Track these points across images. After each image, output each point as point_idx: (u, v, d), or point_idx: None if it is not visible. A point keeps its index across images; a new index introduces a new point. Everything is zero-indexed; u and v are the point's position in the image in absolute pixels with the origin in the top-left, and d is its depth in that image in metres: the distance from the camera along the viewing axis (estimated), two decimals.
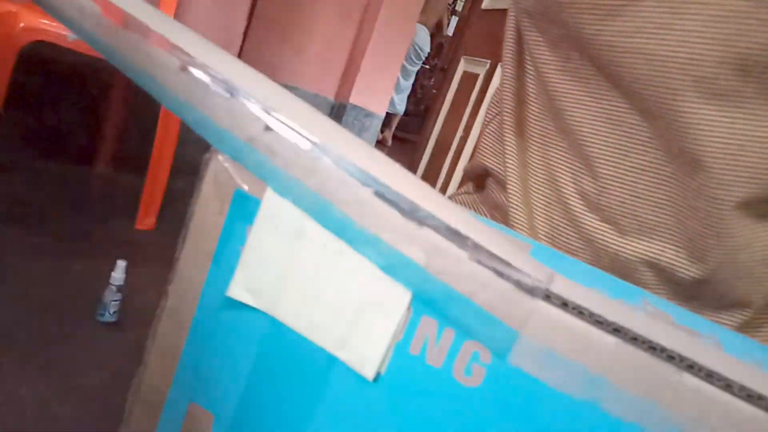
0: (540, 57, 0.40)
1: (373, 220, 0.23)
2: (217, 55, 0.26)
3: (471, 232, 0.22)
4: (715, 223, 0.34)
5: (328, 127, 0.24)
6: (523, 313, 0.21)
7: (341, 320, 0.25)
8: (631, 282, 0.35)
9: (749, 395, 0.18)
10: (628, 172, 0.37)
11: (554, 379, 0.20)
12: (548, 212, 0.41)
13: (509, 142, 0.43)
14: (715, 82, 0.31)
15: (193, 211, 0.28)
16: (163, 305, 0.30)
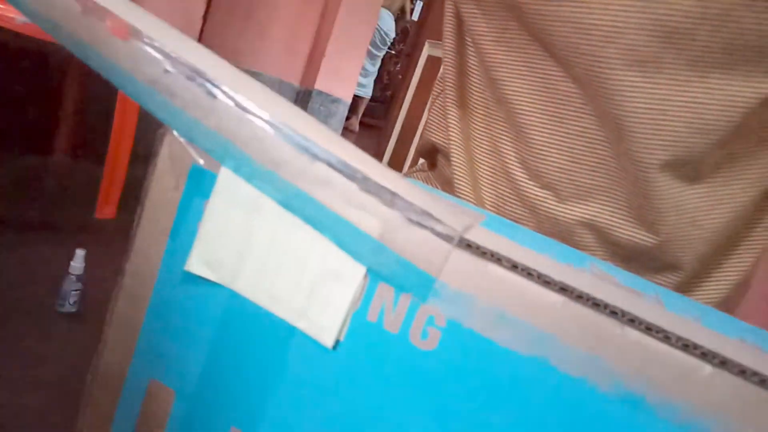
0: (476, 29, 0.40)
1: (269, 155, 0.24)
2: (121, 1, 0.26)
3: (359, 164, 0.23)
4: (643, 185, 0.36)
5: (226, 70, 0.25)
6: (438, 259, 0.22)
7: (300, 291, 0.25)
8: (571, 245, 0.36)
9: (685, 345, 0.19)
10: (564, 138, 0.38)
11: (504, 338, 0.21)
12: (494, 182, 0.42)
13: (452, 115, 0.44)
14: (637, 49, 0.32)
15: (148, 187, 0.28)
16: (121, 283, 0.30)
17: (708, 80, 0.32)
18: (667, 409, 0.19)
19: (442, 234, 0.22)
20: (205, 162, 0.26)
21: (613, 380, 0.20)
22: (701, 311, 0.23)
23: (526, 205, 0.41)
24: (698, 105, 0.33)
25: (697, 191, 0.36)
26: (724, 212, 0.37)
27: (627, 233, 0.38)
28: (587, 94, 0.36)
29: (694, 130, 0.33)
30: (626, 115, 0.34)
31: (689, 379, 0.19)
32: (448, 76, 0.44)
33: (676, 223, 0.36)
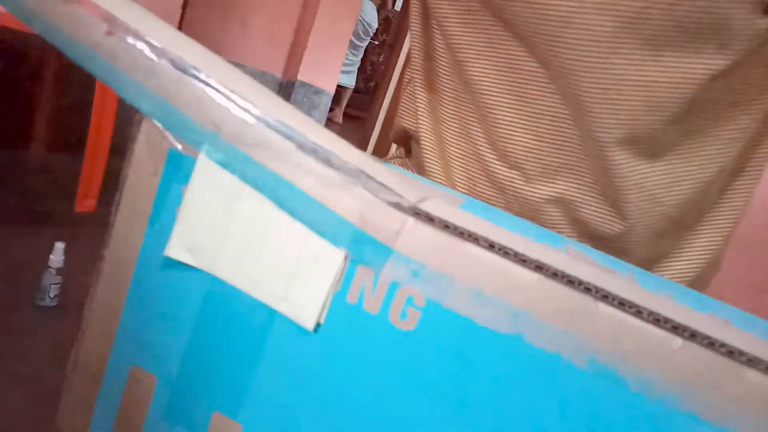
0: (441, 11, 0.41)
1: (210, 114, 0.24)
2: None
3: (299, 124, 0.24)
4: (603, 163, 0.36)
5: (168, 33, 0.25)
6: (392, 228, 0.23)
7: (280, 275, 0.25)
8: (540, 224, 0.37)
9: (656, 319, 0.19)
10: (529, 117, 0.38)
11: (482, 317, 0.21)
12: (464, 164, 0.43)
13: (421, 99, 0.45)
14: (593, 29, 0.33)
15: (126, 173, 0.28)
16: (100, 270, 0.29)
17: (662, 58, 0.33)
18: (639, 382, 0.20)
19: (393, 203, 0.23)
20: (183, 147, 0.26)
21: (587, 355, 0.20)
22: (674, 289, 0.24)
23: (495, 186, 0.41)
24: (653, 83, 0.33)
25: (655, 168, 0.36)
26: (685, 189, 0.37)
27: (593, 210, 0.39)
28: (549, 73, 0.36)
29: (649, 108, 0.34)
30: (584, 95, 0.34)
31: (660, 351, 0.19)
32: (415, 60, 0.44)
33: (636, 200, 0.37)
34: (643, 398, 0.20)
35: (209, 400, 0.28)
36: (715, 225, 0.40)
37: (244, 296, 0.26)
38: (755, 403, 0.19)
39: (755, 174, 0.40)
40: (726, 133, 0.37)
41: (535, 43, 0.35)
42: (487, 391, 0.22)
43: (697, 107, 0.35)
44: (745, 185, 0.40)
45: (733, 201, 0.40)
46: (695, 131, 0.36)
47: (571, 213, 0.39)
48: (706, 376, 0.19)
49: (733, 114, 0.36)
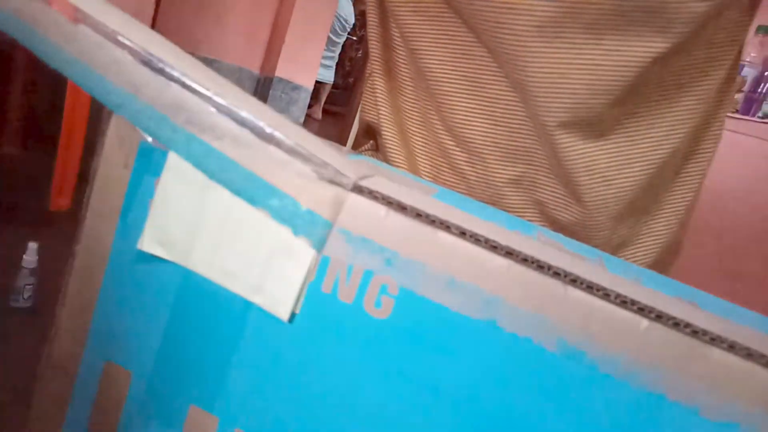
0: (394, 0, 0.41)
1: (130, 78, 0.25)
2: None
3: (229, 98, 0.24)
4: (552, 146, 0.37)
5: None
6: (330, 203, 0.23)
7: (254, 266, 0.25)
8: (503, 208, 0.38)
9: (623, 301, 0.20)
10: (484, 102, 0.39)
11: (455, 303, 0.22)
12: (428, 153, 0.43)
13: (380, 90, 0.45)
14: (536, 15, 0.34)
15: (97, 166, 0.27)
16: (72, 265, 0.29)
17: (603, 42, 0.34)
18: (608, 363, 0.20)
19: (330, 179, 0.23)
20: (154, 140, 0.26)
21: (557, 338, 0.21)
22: (642, 273, 0.24)
23: (457, 172, 0.42)
24: (596, 67, 0.34)
25: (604, 150, 0.37)
26: (637, 171, 0.38)
27: (551, 192, 0.40)
28: (496, 59, 0.37)
29: (592, 91, 0.35)
30: (529, 80, 0.35)
31: (627, 333, 0.20)
32: (373, 52, 0.45)
33: (588, 182, 0.38)
34: (612, 379, 0.20)
35: (185, 394, 0.28)
36: (670, 207, 0.41)
37: (218, 289, 0.26)
38: (720, 381, 0.19)
39: (707, 155, 0.41)
40: (673, 115, 0.38)
41: (482, 30, 0.36)
42: (462, 376, 0.22)
43: (641, 89, 0.36)
44: (698, 167, 0.41)
45: (687, 183, 0.41)
46: (641, 113, 0.37)
47: (531, 195, 0.40)
48: (672, 355, 0.20)
49: (679, 95, 0.37)
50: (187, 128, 0.25)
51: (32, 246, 1.12)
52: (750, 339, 0.20)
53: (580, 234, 0.40)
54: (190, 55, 0.26)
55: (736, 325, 0.21)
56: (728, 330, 0.20)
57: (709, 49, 0.36)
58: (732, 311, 0.22)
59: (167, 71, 0.24)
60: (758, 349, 0.19)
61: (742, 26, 0.37)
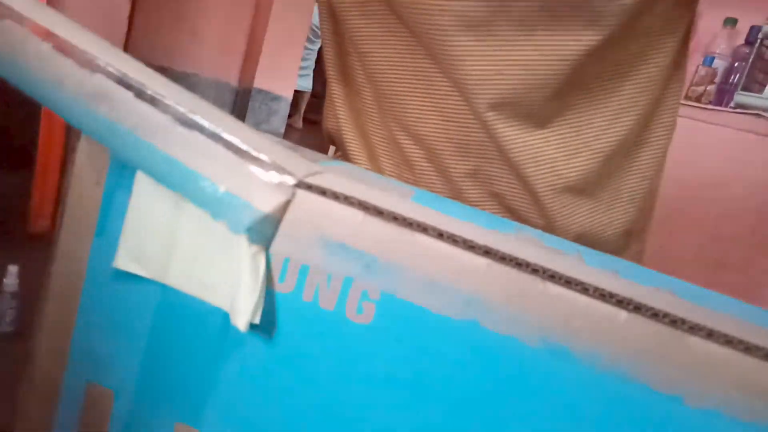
0: (342, 4, 0.42)
1: (54, 71, 0.25)
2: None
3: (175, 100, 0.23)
4: (497, 140, 0.38)
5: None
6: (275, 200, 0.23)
7: (227, 276, 0.25)
8: (463, 202, 0.38)
9: (602, 294, 0.20)
10: (435, 99, 0.40)
11: (436, 305, 0.22)
12: (388, 153, 0.44)
13: (336, 94, 0.46)
14: (467, 14, 0.34)
15: (69, 183, 0.27)
16: (48, 286, 0.29)
17: (535, 38, 0.35)
18: (590, 357, 0.20)
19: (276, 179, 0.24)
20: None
21: (538, 335, 0.21)
22: (620, 265, 0.25)
23: (416, 170, 0.42)
24: (530, 62, 0.35)
25: (548, 141, 0.38)
26: (585, 160, 0.39)
27: (505, 184, 0.40)
28: (434, 59, 0.38)
29: (529, 85, 0.36)
30: (466, 78, 0.36)
31: (607, 326, 0.20)
32: (328, 58, 0.45)
33: (536, 174, 0.38)
34: (595, 373, 0.20)
35: (170, 411, 0.27)
36: (626, 195, 0.42)
37: (197, 302, 0.26)
38: (700, 369, 0.19)
39: (660, 143, 0.41)
40: (615, 104, 0.38)
41: (418, 33, 0.37)
42: (447, 377, 0.22)
43: (580, 80, 0.36)
44: (651, 154, 0.41)
45: (641, 170, 0.41)
46: (582, 104, 0.38)
47: (488, 187, 0.40)
48: (653, 346, 0.20)
49: (620, 85, 0.38)
50: (140, 135, 0.25)
51: (12, 269, 1.10)
52: (728, 325, 0.20)
53: (539, 224, 0.40)
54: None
55: (715, 312, 0.21)
56: (706, 318, 0.20)
57: (648, 37, 0.37)
58: (710, 299, 0.23)
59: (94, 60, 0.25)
60: (736, 335, 0.19)
61: (680, 15, 0.38)
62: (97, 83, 0.25)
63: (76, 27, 0.26)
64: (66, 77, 0.25)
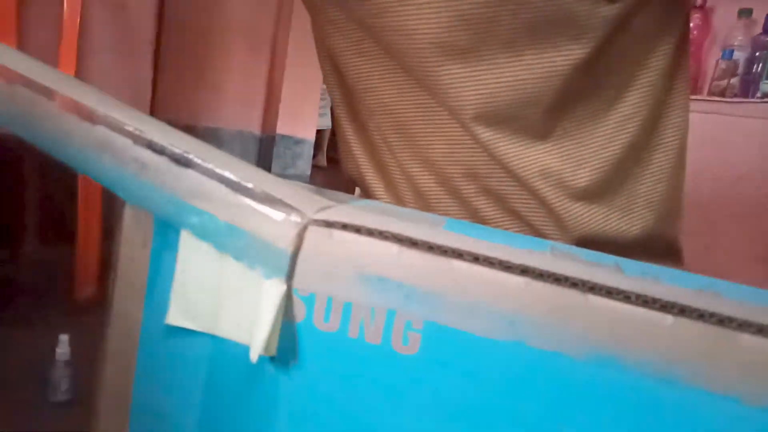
0: (336, 46, 0.43)
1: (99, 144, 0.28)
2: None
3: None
4: (500, 159, 0.38)
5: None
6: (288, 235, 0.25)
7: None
8: (480, 221, 0.38)
9: (645, 301, 0.20)
10: (439, 124, 0.40)
11: (480, 328, 0.22)
12: (406, 183, 0.45)
13: (348, 131, 0.47)
14: (455, 44, 0.35)
15: (117, 248, 0.28)
16: (105, 349, 0.30)
17: (524, 58, 0.35)
18: (640, 366, 0.20)
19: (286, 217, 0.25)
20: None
21: (585, 348, 0.21)
22: (660, 272, 0.24)
23: (430, 198, 0.44)
24: (521, 81, 0.36)
25: (552, 154, 0.38)
26: (592, 170, 0.39)
27: (518, 199, 0.40)
28: (429, 92, 0.38)
29: (522, 103, 0.36)
30: (460, 104, 0.36)
31: (654, 332, 0.20)
32: (334, 98, 0.47)
33: (544, 187, 0.38)
34: (647, 381, 0.20)
35: None
36: (642, 201, 0.41)
37: (248, 351, 0.26)
38: (754, 367, 0.19)
39: (672, 144, 0.41)
40: (617, 113, 0.38)
41: (410, 67, 0.38)
42: (498, 400, 0.22)
43: (576, 93, 0.37)
44: (664, 157, 0.41)
45: (655, 174, 0.41)
46: (583, 115, 0.38)
47: (503, 204, 0.41)
48: (703, 347, 0.20)
49: (621, 94, 0.38)
50: (180, 196, 0.26)
51: (63, 338, 1.13)
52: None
53: (558, 236, 0.40)
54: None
55: (762, 307, 0.21)
56: (754, 314, 0.20)
57: (644, 43, 0.37)
58: (756, 295, 0.22)
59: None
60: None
61: (674, 15, 0.38)
62: (137, 153, 0.26)
63: (107, 98, 0.29)
64: (110, 148, 0.27)
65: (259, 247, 0.25)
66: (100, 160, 0.28)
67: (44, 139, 0.29)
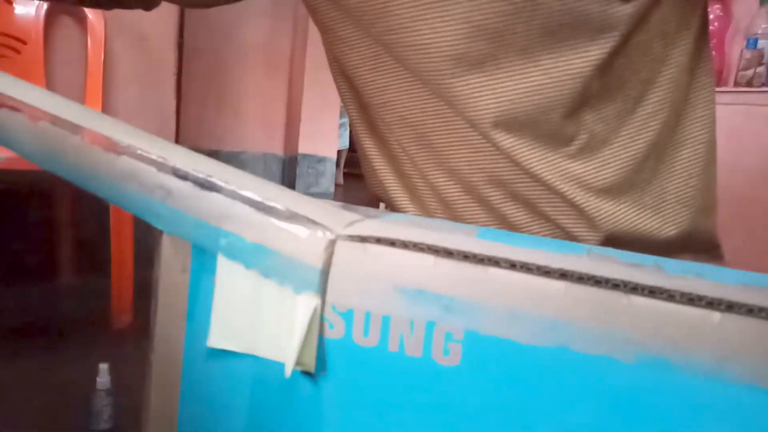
0: (350, 63, 0.44)
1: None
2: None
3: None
4: (522, 166, 0.37)
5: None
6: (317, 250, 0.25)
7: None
8: (510, 228, 0.38)
9: (690, 299, 0.20)
10: (460, 133, 0.40)
11: (521, 335, 0.22)
12: (431, 194, 0.44)
13: (368, 147, 0.47)
14: (470, 55, 0.35)
15: (157, 274, 0.29)
16: (149, 375, 0.30)
17: (541, 63, 0.35)
18: (690, 365, 0.20)
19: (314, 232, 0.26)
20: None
21: (632, 350, 0.20)
22: (702, 269, 0.24)
23: (457, 207, 0.43)
24: (541, 86, 0.35)
25: (574, 160, 0.37)
26: (616, 170, 0.38)
27: (547, 202, 0.40)
28: (448, 105, 0.38)
29: (543, 108, 0.36)
30: (481, 115, 0.36)
31: (702, 330, 0.19)
32: (352, 115, 0.47)
33: (570, 190, 0.38)
34: (699, 380, 0.20)
35: None
36: (672, 197, 0.40)
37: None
38: None
39: (700, 138, 0.40)
40: (640, 111, 0.38)
41: (427, 79, 0.38)
42: (544, 407, 0.22)
43: (596, 95, 0.36)
44: (693, 152, 0.40)
45: (686, 170, 0.40)
46: (606, 117, 0.38)
47: (533, 208, 0.40)
48: (753, 343, 0.19)
49: (644, 92, 0.38)
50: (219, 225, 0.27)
51: (103, 367, 1.15)
52: None
53: (592, 238, 0.40)
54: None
55: None
56: None
57: (664, 39, 0.37)
58: None
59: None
60: None
61: (692, 7, 0.38)
62: (162, 180, 0.27)
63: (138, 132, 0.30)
64: (136, 177, 0.27)
65: (288, 265, 0.26)
66: (127, 190, 0.29)
67: (74, 173, 0.30)
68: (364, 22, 0.39)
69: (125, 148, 0.29)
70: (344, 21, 0.41)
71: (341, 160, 4.63)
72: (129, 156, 0.29)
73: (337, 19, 0.42)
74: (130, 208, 0.29)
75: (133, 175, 0.28)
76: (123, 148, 0.29)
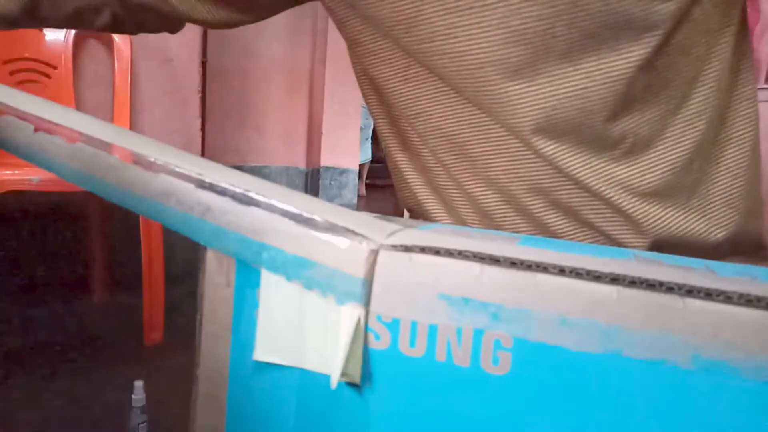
0: (380, 75, 0.43)
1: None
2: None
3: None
4: (566, 173, 0.37)
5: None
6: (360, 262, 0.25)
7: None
8: (551, 236, 0.37)
9: (748, 300, 0.19)
10: (496, 142, 0.40)
11: (572, 342, 0.21)
12: (466, 205, 0.44)
13: (400, 160, 0.47)
14: (509, 61, 0.34)
15: (202, 290, 0.29)
16: (196, 391, 0.31)
17: (582, 66, 0.34)
18: (750, 367, 0.19)
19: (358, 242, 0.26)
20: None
21: (690, 354, 0.20)
22: (755, 271, 0.24)
23: (495, 216, 0.42)
24: (582, 90, 0.35)
25: (618, 165, 0.37)
26: (661, 173, 0.37)
27: (590, 209, 0.39)
28: (488, 113, 0.38)
29: (586, 112, 0.35)
30: (520, 120, 0.36)
31: (762, 332, 0.19)
32: (381, 128, 0.47)
33: (615, 195, 0.37)
34: (759, 382, 0.19)
35: None
36: (718, 199, 0.39)
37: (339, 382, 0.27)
38: None
39: (745, 137, 0.39)
40: (685, 111, 0.37)
41: (464, 89, 0.38)
42: (598, 415, 0.22)
43: (640, 97, 0.36)
44: (738, 151, 0.39)
45: (731, 171, 0.39)
46: (650, 118, 0.37)
47: (575, 216, 0.40)
48: None
49: (688, 91, 0.37)
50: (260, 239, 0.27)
51: (138, 384, 1.16)
52: None
53: (633, 242, 0.39)
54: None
55: None
56: None
57: (708, 36, 0.36)
58: None
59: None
60: None
61: (731, 2, 0.37)
62: (200, 197, 0.28)
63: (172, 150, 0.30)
64: (175, 195, 0.28)
65: (330, 276, 0.26)
66: (167, 207, 0.29)
67: (112, 191, 0.31)
68: (395, 33, 0.39)
69: (162, 166, 0.29)
70: (374, 33, 0.42)
71: (363, 172, 4.65)
72: (167, 173, 0.29)
73: (366, 32, 0.42)
74: (171, 225, 0.30)
75: (172, 193, 0.29)
76: (160, 166, 0.29)
